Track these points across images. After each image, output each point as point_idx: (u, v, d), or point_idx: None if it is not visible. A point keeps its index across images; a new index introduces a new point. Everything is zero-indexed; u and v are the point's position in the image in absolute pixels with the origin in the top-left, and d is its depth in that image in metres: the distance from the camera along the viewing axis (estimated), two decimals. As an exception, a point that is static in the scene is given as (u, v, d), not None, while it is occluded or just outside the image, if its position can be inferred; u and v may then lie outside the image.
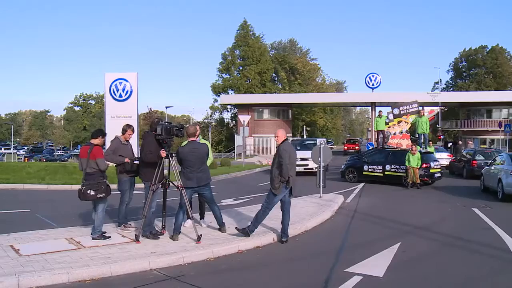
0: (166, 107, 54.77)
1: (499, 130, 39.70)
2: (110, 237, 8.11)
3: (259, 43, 63.58)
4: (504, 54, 69.82)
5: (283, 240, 8.45)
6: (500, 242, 8.72)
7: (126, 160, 8.53)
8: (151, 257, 6.90)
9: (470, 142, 39.68)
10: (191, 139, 8.35)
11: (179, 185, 8.02)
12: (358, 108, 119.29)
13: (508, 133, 38.33)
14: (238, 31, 63.11)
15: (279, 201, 8.45)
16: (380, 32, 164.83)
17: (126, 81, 23.30)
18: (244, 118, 32.71)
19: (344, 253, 7.87)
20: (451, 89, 72.59)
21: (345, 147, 55.56)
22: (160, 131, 7.89)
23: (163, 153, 7.88)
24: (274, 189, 8.22)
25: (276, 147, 8.54)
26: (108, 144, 9.36)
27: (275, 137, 8.73)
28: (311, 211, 11.46)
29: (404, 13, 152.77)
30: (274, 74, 68.05)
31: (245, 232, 8.38)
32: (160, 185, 8.16)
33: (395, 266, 6.96)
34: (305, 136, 58.26)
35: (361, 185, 19.19)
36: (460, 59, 74.23)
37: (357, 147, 52.94)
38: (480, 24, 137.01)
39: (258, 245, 8.20)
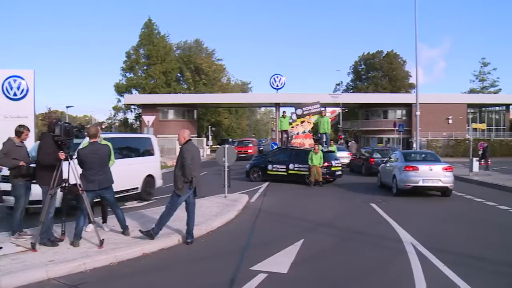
0: (67, 107, 52.71)
1: (394, 129, 42.50)
2: (1, 247, 7.53)
3: (164, 42, 62.57)
4: (397, 59, 74.70)
5: (188, 241, 8.43)
6: (393, 233, 9.49)
7: (21, 163, 8.03)
8: (49, 266, 6.55)
9: (353, 141, 43.06)
10: (92, 140, 8.10)
11: (80, 188, 7.72)
12: (262, 109, 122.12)
13: (401, 133, 41.22)
14: (143, 30, 61.64)
15: (184, 202, 8.43)
16: (285, 34, 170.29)
17: (22, 78, 21.67)
18: (148, 119, 31.95)
19: (249, 251, 8.01)
20: (351, 90, 76.08)
21: (236, 151, 40.09)
22: (59, 132, 7.58)
23: (61, 155, 7.55)
24: (178, 190, 8.18)
25: (180, 148, 8.48)
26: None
27: (177, 138, 8.66)
28: (216, 211, 11.55)
29: (309, 16, 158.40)
30: (179, 74, 67.40)
31: (149, 234, 8.27)
32: (59, 189, 7.80)
33: (299, 262, 7.23)
34: (210, 137, 57.41)
35: (266, 184, 19.59)
36: (359, 62, 78.17)
37: (250, 150, 42.07)
38: (377, 30, 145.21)
39: (163, 247, 8.12)
